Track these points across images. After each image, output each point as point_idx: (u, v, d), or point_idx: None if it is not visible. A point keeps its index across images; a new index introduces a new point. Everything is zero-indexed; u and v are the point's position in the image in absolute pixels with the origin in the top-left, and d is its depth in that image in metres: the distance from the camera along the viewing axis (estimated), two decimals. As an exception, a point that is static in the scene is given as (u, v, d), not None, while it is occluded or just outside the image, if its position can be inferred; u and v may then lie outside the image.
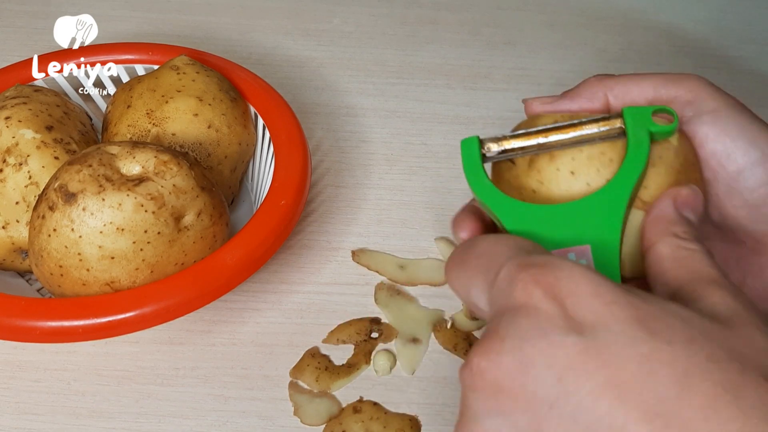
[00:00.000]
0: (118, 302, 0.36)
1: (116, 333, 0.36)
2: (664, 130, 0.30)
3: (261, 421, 0.38)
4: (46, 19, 0.52)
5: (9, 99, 0.42)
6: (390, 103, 0.56)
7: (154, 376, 0.39)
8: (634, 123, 0.30)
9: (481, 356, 0.24)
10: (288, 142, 0.44)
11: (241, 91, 0.47)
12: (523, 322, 0.23)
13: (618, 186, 0.29)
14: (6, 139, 0.40)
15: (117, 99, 0.45)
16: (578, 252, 0.29)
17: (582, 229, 0.29)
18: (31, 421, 0.38)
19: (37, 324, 0.35)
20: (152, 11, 0.64)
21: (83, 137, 0.43)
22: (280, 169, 0.42)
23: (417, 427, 0.38)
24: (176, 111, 0.43)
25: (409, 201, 0.49)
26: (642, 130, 0.30)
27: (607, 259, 0.28)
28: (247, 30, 0.62)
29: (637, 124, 0.30)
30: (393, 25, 0.63)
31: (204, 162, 0.42)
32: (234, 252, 0.38)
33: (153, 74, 0.45)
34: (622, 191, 0.29)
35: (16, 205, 0.40)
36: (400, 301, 0.43)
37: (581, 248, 0.29)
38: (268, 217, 0.40)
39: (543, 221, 0.29)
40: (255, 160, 0.47)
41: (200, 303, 0.37)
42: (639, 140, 0.30)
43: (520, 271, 0.24)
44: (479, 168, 0.31)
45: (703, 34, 0.63)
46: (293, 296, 0.44)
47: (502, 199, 0.30)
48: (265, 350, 0.41)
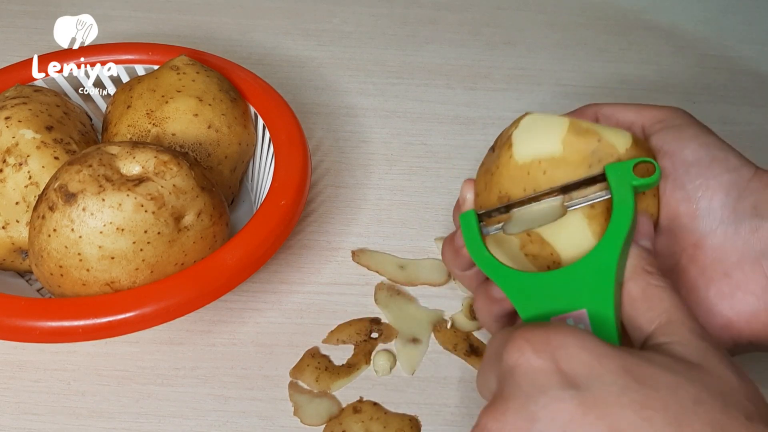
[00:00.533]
0: (118, 302, 0.35)
1: (116, 333, 0.36)
2: (647, 183, 0.31)
3: (261, 421, 0.38)
4: (46, 19, 0.52)
5: (9, 99, 0.42)
6: (390, 103, 0.56)
7: (154, 376, 0.39)
8: (616, 180, 0.31)
9: (488, 417, 0.25)
10: (288, 142, 0.44)
11: (241, 91, 0.47)
12: (522, 381, 0.25)
13: (606, 247, 0.29)
14: (6, 139, 0.40)
15: (117, 99, 0.45)
16: (575, 317, 0.29)
17: (576, 294, 0.29)
18: (31, 421, 0.38)
19: (37, 324, 0.35)
20: (152, 11, 0.64)
21: (83, 137, 0.43)
22: (280, 169, 0.42)
23: (417, 427, 0.38)
24: (176, 111, 0.43)
25: (409, 201, 0.49)
26: (625, 187, 0.30)
27: (603, 322, 0.29)
28: (247, 30, 0.62)
29: (620, 181, 0.31)
30: (393, 25, 0.63)
31: (204, 162, 0.42)
32: (234, 252, 0.38)
33: (153, 74, 0.45)
34: (610, 252, 0.29)
35: (16, 205, 0.40)
36: (400, 301, 0.43)
37: (578, 313, 0.29)
38: (268, 217, 0.40)
39: (540, 288, 0.30)
40: (255, 160, 0.47)
41: (200, 303, 0.37)
42: (622, 198, 0.30)
43: (512, 336, 0.26)
44: (479, 241, 0.33)
45: (703, 34, 0.63)
46: (293, 296, 0.44)
47: (501, 269, 0.32)
48: (265, 350, 0.41)
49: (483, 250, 0.32)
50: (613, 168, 0.31)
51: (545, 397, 0.24)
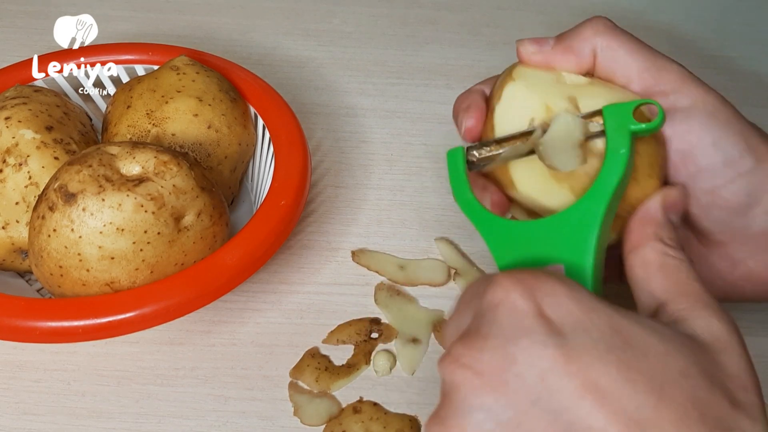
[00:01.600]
0: (118, 302, 0.35)
1: (116, 333, 0.36)
2: (647, 128, 0.28)
3: (261, 422, 0.38)
4: (46, 19, 0.52)
5: (9, 99, 0.42)
6: (390, 104, 0.56)
7: (154, 376, 0.39)
8: (613, 125, 0.28)
9: (463, 351, 0.24)
10: (288, 143, 0.44)
11: (241, 91, 0.47)
12: (504, 321, 0.24)
13: (591, 199, 0.27)
14: (6, 140, 0.40)
15: (117, 99, 0.45)
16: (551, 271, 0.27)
17: (555, 247, 0.28)
18: (31, 421, 0.38)
19: (37, 324, 0.35)
20: (152, 11, 0.64)
21: (83, 137, 0.43)
22: (280, 170, 0.42)
23: (417, 427, 0.38)
24: (176, 111, 0.43)
25: (409, 201, 0.49)
26: (622, 133, 0.28)
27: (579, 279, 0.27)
28: (247, 30, 0.62)
29: (617, 126, 0.28)
30: (393, 25, 0.63)
31: (204, 162, 0.42)
32: (234, 252, 0.38)
33: (153, 74, 0.45)
34: (595, 205, 0.27)
35: (16, 205, 0.40)
36: (400, 301, 0.43)
37: (554, 268, 0.28)
38: (267, 217, 0.40)
39: (520, 238, 0.29)
40: (255, 160, 0.47)
41: (200, 303, 0.37)
42: (617, 145, 0.28)
43: (498, 276, 0.25)
44: (464, 181, 0.31)
45: (703, 34, 0.63)
46: (293, 296, 0.44)
47: (482, 214, 0.30)
48: (265, 350, 0.41)
49: (466, 192, 0.31)
50: (611, 109, 0.29)
51: (527, 340, 0.23)
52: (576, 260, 0.27)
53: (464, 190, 0.31)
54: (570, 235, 0.27)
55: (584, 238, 0.27)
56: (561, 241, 0.28)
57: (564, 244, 0.27)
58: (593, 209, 0.27)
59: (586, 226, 0.27)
